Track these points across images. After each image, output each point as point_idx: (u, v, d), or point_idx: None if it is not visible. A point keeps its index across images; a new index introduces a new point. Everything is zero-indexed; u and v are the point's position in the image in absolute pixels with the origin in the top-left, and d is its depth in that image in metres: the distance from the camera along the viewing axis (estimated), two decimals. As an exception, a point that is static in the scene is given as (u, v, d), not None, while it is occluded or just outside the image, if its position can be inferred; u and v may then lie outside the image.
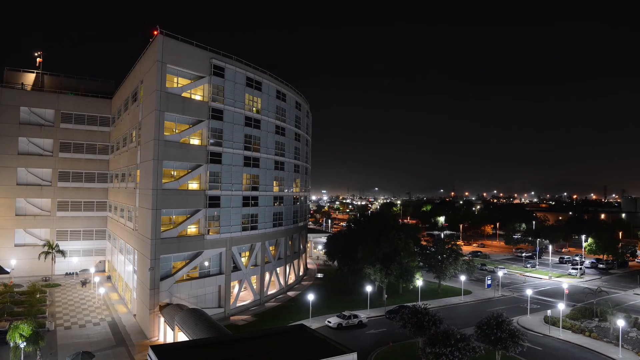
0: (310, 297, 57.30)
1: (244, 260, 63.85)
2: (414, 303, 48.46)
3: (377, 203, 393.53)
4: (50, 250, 75.45)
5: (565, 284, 76.84)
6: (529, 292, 67.67)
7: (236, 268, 61.87)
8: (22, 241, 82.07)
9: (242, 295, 65.28)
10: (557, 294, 77.14)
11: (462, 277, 76.04)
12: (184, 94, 55.80)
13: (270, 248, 71.05)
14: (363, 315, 58.68)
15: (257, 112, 66.58)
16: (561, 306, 57.38)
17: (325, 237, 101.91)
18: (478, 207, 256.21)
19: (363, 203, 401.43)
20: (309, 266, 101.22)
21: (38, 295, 64.44)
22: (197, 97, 57.58)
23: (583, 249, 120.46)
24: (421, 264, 77.76)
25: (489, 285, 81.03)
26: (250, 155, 64.50)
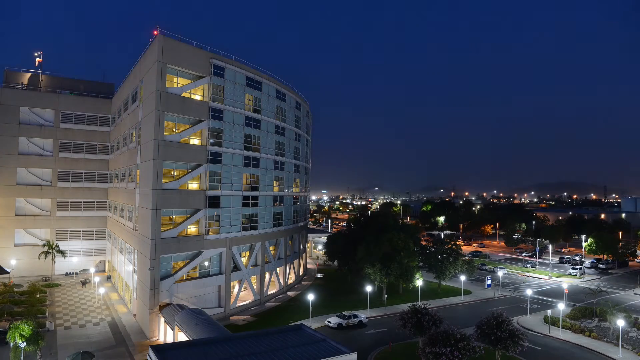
0: (310, 297, 57.29)
1: (244, 260, 63.86)
2: (414, 303, 48.39)
3: (377, 203, 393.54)
4: (50, 250, 75.42)
5: (565, 284, 76.80)
6: (529, 292, 67.66)
7: (236, 268, 61.88)
8: (22, 241, 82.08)
9: (242, 295, 65.29)
10: (557, 294, 77.15)
11: (462, 277, 76.04)
12: (183, 94, 55.79)
13: (270, 248, 71.05)
14: (363, 315, 58.67)
15: (257, 112, 66.58)
16: (561, 306, 57.38)
17: (325, 237, 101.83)
18: (478, 207, 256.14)
19: (363, 203, 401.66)
20: (309, 266, 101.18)
21: (38, 295, 64.44)
22: (197, 97, 57.58)
23: (583, 249, 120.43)
24: (421, 264, 77.74)
25: (489, 285, 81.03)
26: (250, 155, 64.51)
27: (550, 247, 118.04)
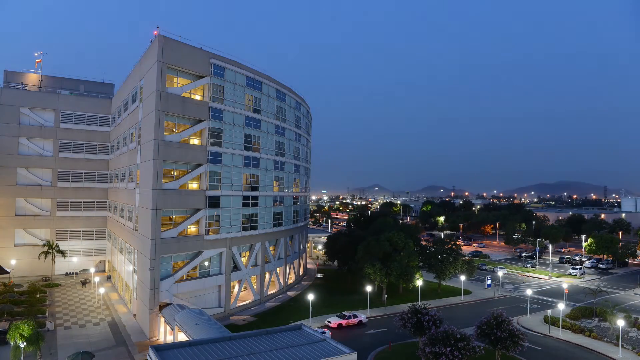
0: (310, 297, 57.30)
1: (243, 260, 63.87)
2: (414, 303, 48.41)
3: (377, 203, 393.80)
4: (50, 250, 75.45)
5: (565, 283, 76.79)
6: (529, 292, 67.65)
7: (236, 268, 61.90)
8: (22, 241, 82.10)
9: (242, 295, 65.31)
10: (557, 293, 77.15)
11: (462, 277, 76.02)
12: (183, 94, 55.80)
13: (270, 248, 71.06)
14: (363, 315, 58.69)
15: (257, 112, 66.59)
16: (561, 306, 57.36)
17: (325, 237, 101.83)
18: (478, 207, 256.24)
19: (363, 203, 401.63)
20: (309, 266, 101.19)
21: (38, 295, 64.47)
22: (197, 97, 57.59)
23: (583, 249, 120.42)
24: (421, 264, 77.72)
25: (489, 285, 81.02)
26: (250, 156, 64.53)
27: (550, 247, 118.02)
